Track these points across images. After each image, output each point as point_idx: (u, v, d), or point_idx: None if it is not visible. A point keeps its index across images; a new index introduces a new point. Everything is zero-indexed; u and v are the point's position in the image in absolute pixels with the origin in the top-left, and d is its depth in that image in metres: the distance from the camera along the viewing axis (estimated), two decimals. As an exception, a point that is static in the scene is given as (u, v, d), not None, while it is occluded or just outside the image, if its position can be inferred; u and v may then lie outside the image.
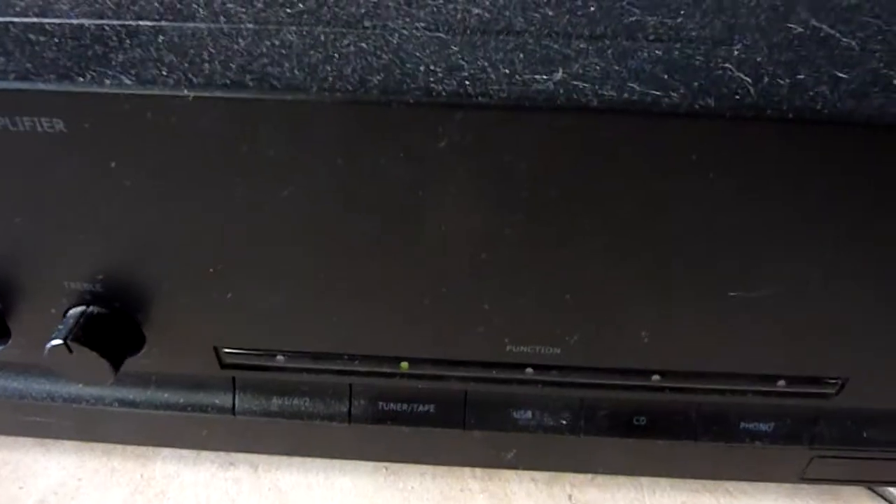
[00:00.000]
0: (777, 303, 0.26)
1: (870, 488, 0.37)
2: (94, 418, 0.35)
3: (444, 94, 0.22)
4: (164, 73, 0.22)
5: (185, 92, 0.21)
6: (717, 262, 0.25)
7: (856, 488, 0.37)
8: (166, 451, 0.39)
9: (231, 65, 0.23)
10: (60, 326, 0.28)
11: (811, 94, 0.22)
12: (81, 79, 0.22)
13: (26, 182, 0.25)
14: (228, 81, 0.22)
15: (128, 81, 0.22)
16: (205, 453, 0.39)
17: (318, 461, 0.38)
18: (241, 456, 0.39)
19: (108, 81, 0.22)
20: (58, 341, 0.27)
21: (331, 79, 0.22)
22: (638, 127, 0.22)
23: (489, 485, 0.37)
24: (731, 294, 0.26)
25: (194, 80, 0.22)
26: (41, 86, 0.22)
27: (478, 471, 0.38)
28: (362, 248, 0.26)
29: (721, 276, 0.26)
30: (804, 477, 0.34)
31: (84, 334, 0.27)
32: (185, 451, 0.39)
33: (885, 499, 0.37)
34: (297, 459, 0.38)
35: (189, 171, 0.24)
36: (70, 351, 0.28)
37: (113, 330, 0.28)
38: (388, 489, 0.37)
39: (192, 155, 0.23)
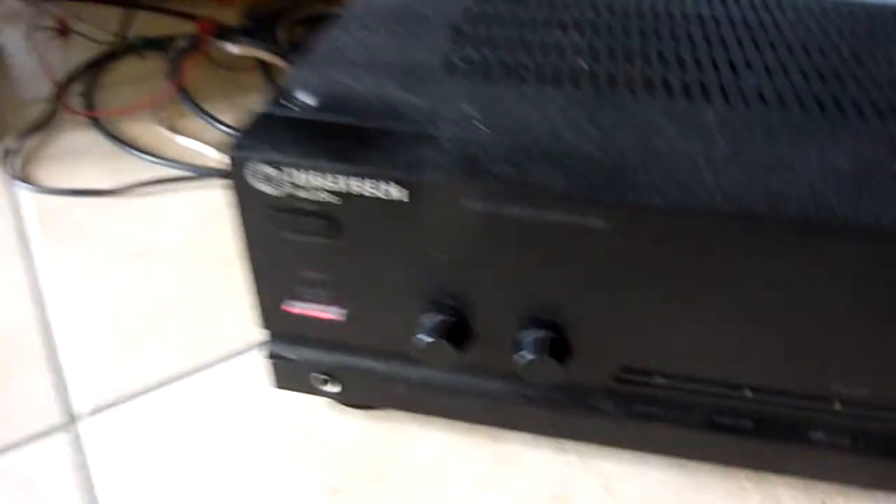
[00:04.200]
0: None
1: None
2: (477, 405, 0.48)
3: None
4: (685, 195, 0.36)
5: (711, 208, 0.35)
6: None
7: None
8: (509, 434, 0.53)
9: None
10: (527, 346, 0.42)
11: None
12: (630, 195, 0.36)
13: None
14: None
15: (659, 201, 0.35)
16: (541, 438, 0.52)
17: (630, 455, 0.51)
18: (570, 445, 0.52)
19: (636, 197, 0.35)
20: (532, 356, 0.41)
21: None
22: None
23: (760, 485, 0.50)
24: None
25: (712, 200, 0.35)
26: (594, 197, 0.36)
27: (750, 473, 0.51)
28: (740, 321, 0.39)
29: None
30: None
31: (549, 351, 0.41)
32: (526, 436, 0.52)
33: None
34: (615, 451, 0.51)
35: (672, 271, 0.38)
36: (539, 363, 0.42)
37: (557, 348, 0.42)
38: (684, 478, 0.50)
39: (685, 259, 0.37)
